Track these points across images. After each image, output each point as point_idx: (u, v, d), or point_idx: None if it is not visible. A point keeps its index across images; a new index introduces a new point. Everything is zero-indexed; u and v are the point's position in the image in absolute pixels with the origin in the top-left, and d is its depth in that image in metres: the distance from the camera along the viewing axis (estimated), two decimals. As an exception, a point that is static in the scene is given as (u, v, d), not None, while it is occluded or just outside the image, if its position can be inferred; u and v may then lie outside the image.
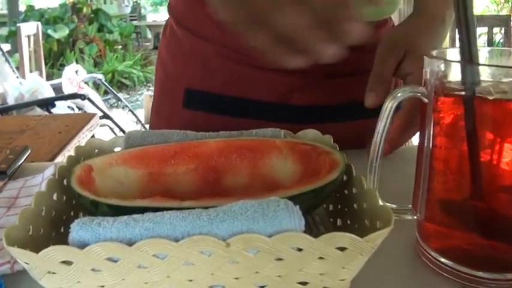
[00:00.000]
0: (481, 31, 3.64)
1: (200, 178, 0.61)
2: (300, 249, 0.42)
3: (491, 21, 3.50)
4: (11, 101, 4.03)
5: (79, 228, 0.43)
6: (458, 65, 0.52)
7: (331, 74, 0.88)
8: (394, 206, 0.58)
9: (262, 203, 0.44)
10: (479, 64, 0.53)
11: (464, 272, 0.53)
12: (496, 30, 3.60)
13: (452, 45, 3.14)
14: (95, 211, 0.50)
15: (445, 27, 0.75)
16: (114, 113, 4.90)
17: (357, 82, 0.88)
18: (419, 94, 0.54)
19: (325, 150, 0.59)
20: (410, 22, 0.76)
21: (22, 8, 9.18)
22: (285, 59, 0.49)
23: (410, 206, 0.59)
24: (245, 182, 0.61)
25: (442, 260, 0.55)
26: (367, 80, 0.89)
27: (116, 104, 6.33)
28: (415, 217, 0.58)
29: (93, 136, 1.79)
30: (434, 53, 0.55)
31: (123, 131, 3.84)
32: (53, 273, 0.42)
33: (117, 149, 0.65)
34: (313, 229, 0.60)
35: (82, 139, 1.62)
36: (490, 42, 3.60)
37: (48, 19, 8.32)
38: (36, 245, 0.46)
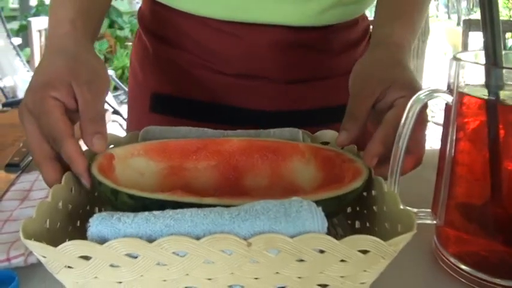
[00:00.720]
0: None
1: (220, 175, 0.61)
2: (321, 251, 0.42)
3: (504, 26, 3.48)
4: (21, 95, 4.03)
5: (98, 223, 0.42)
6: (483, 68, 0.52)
7: (299, 79, 0.87)
8: (413, 210, 0.57)
9: (285, 203, 0.44)
10: (504, 67, 0.52)
11: (482, 279, 0.52)
12: (508, 35, 3.58)
13: (464, 49, 3.12)
14: (115, 200, 0.50)
15: (409, 54, 0.71)
16: (123, 109, 4.89)
17: (328, 86, 0.87)
18: (443, 96, 0.54)
19: (348, 157, 0.58)
20: (377, 53, 0.70)
21: (33, 2, 9.21)
22: None
23: (429, 210, 0.58)
24: (265, 183, 0.61)
25: (461, 265, 0.54)
26: (335, 84, 0.88)
27: (125, 100, 6.34)
28: (435, 222, 0.57)
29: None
30: (458, 55, 0.54)
31: (133, 128, 3.84)
32: (70, 267, 0.42)
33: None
34: (331, 231, 0.59)
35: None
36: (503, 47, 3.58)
37: (59, 14, 8.32)
38: (52, 238, 0.46)
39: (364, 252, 0.42)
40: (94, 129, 0.56)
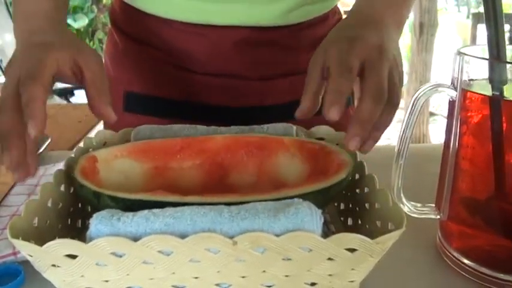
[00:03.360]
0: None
1: (206, 174, 0.60)
2: (308, 249, 0.41)
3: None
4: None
5: (98, 222, 0.42)
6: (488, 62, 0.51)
7: (268, 76, 0.87)
8: (417, 204, 0.57)
9: (283, 202, 0.44)
10: (507, 62, 0.52)
11: (486, 274, 0.52)
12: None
13: (473, 42, 3.10)
14: (97, 203, 0.50)
15: (389, 31, 0.61)
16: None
17: (297, 81, 0.86)
18: (447, 91, 0.53)
19: (333, 149, 0.58)
20: (344, 22, 0.64)
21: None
22: None
23: (433, 204, 0.58)
24: (251, 179, 0.61)
25: (464, 260, 0.54)
26: (303, 79, 0.87)
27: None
28: (438, 216, 0.57)
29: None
30: (463, 49, 0.53)
31: (140, 121, 3.85)
32: (57, 266, 0.42)
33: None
34: (323, 228, 0.59)
35: (102, 129, 1.64)
36: (512, 40, 3.55)
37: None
38: (41, 237, 0.46)
39: (352, 250, 0.42)
40: (107, 100, 0.56)
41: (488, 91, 0.50)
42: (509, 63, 0.52)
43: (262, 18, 0.81)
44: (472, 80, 0.52)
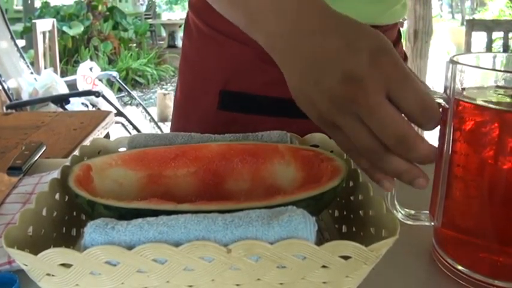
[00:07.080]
0: (497, 36, 3.57)
1: (200, 181, 0.61)
2: (302, 257, 0.42)
3: (508, 25, 3.45)
4: (25, 97, 4.05)
5: (92, 231, 0.42)
6: (480, 70, 0.52)
7: None
8: (411, 211, 0.58)
9: (276, 210, 0.44)
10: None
11: (481, 280, 0.52)
12: (511, 35, 3.54)
13: (467, 49, 3.11)
14: (91, 211, 0.50)
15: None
16: (127, 111, 4.90)
17: None
18: (440, 99, 0.54)
19: (327, 156, 0.58)
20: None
21: (38, 4, 9.26)
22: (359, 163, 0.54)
23: (427, 211, 0.58)
24: (246, 186, 0.61)
25: (458, 267, 0.54)
26: None
27: (129, 102, 6.37)
28: (432, 223, 0.57)
29: (107, 134, 1.79)
30: (455, 58, 0.54)
31: (137, 129, 3.86)
32: (52, 275, 0.42)
33: (121, 150, 0.64)
34: (317, 235, 0.59)
35: (97, 136, 1.62)
36: (506, 47, 3.55)
37: (63, 16, 8.38)
38: (36, 245, 0.46)
39: (346, 258, 0.42)
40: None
41: (480, 99, 0.51)
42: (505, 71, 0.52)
43: (366, 16, 0.82)
44: (464, 88, 0.52)
